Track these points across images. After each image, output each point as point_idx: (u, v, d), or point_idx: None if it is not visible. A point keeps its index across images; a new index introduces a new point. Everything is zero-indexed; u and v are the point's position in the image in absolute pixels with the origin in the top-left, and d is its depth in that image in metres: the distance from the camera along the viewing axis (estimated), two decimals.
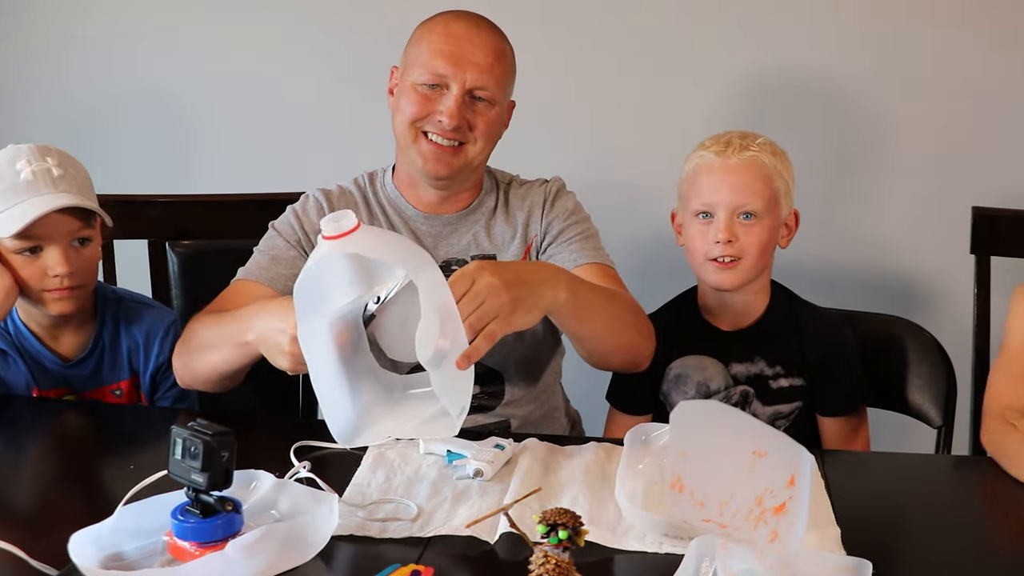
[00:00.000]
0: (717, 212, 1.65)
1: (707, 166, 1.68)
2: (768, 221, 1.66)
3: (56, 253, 1.56)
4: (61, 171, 1.57)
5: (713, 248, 1.66)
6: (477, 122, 1.63)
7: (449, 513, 1.24)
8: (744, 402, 1.71)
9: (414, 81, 1.63)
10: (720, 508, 1.14)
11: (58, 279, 1.56)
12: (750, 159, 1.65)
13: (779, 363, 1.70)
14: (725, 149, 1.66)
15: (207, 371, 1.54)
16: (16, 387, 1.64)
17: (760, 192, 1.65)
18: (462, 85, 1.60)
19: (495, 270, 1.29)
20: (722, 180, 1.65)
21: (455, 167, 1.64)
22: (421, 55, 1.63)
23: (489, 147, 1.67)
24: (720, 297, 1.73)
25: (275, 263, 1.66)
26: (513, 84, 1.71)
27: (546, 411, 1.76)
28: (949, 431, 1.77)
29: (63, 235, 1.57)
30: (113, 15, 2.48)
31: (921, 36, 2.21)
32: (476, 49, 1.61)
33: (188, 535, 1.10)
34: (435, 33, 1.63)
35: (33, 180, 1.54)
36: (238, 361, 1.49)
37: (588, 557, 1.12)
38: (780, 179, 1.67)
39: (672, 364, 1.75)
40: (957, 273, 2.11)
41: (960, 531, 1.26)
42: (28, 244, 1.55)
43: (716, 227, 1.65)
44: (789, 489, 1.08)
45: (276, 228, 1.71)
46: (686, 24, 2.28)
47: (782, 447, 1.09)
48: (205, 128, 2.52)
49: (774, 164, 1.67)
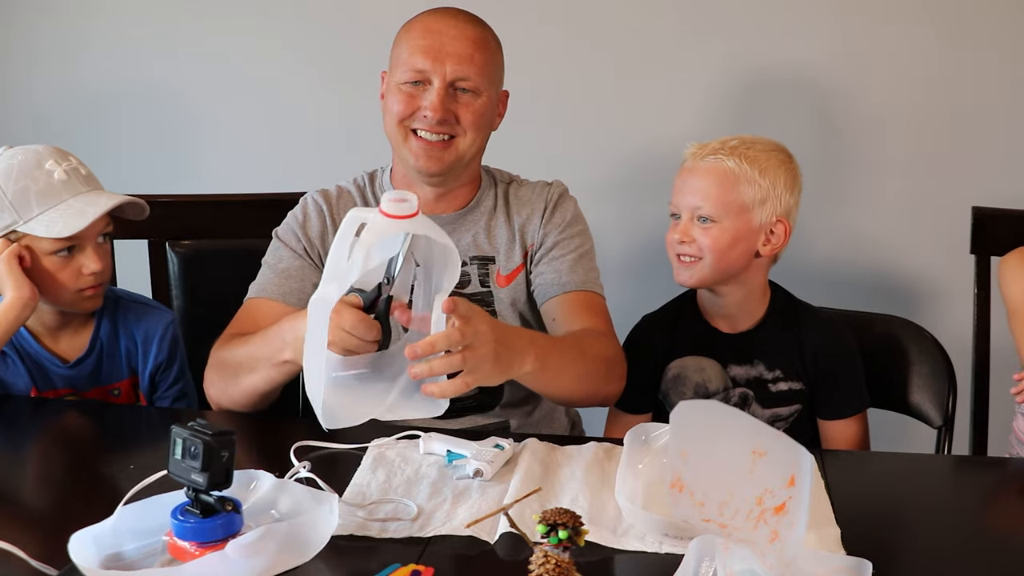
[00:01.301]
0: (681, 212, 1.68)
1: (681, 166, 1.71)
2: (729, 225, 1.64)
3: (90, 251, 1.58)
4: (85, 169, 1.61)
5: (675, 246, 1.68)
6: (463, 113, 1.63)
7: (449, 513, 1.24)
8: (743, 404, 1.71)
9: (397, 81, 1.64)
10: (720, 508, 1.14)
11: (93, 277, 1.58)
12: (711, 164, 1.65)
13: (778, 367, 1.70)
14: (697, 152, 1.68)
15: (248, 394, 1.54)
16: (15, 388, 1.64)
17: (716, 197, 1.64)
18: (443, 78, 1.60)
19: (491, 322, 1.32)
20: (685, 182, 1.68)
21: (447, 162, 1.64)
22: (402, 54, 1.64)
23: (480, 138, 1.67)
24: (715, 299, 1.73)
25: (286, 279, 1.66)
26: (500, 73, 1.70)
27: (546, 411, 1.76)
28: (949, 431, 1.78)
29: (95, 233, 1.59)
30: (113, 16, 2.47)
31: (922, 36, 2.21)
32: (454, 41, 1.61)
33: (188, 535, 1.10)
34: (413, 31, 1.65)
35: (68, 179, 1.57)
36: (279, 379, 1.51)
37: (588, 557, 1.12)
38: (752, 186, 1.64)
39: (671, 365, 1.75)
40: (957, 273, 2.11)
41: (960, 531, 1.26)
42: (67, 244, 1.56)
43: (677, 227, 1.68)
44: (789, 489, 1.08)
45: (280, 238, 1.71)
46: (684, 24, 2.28)
47: (782, 447, 1.09)
48: (205, 128, 2.52)
49: (745, 170, 1.64)
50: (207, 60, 2.47)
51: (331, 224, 1.70)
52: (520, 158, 1.85)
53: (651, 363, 1.75)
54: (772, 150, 1.68)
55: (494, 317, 1.59)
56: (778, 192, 1.66)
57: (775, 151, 1.69)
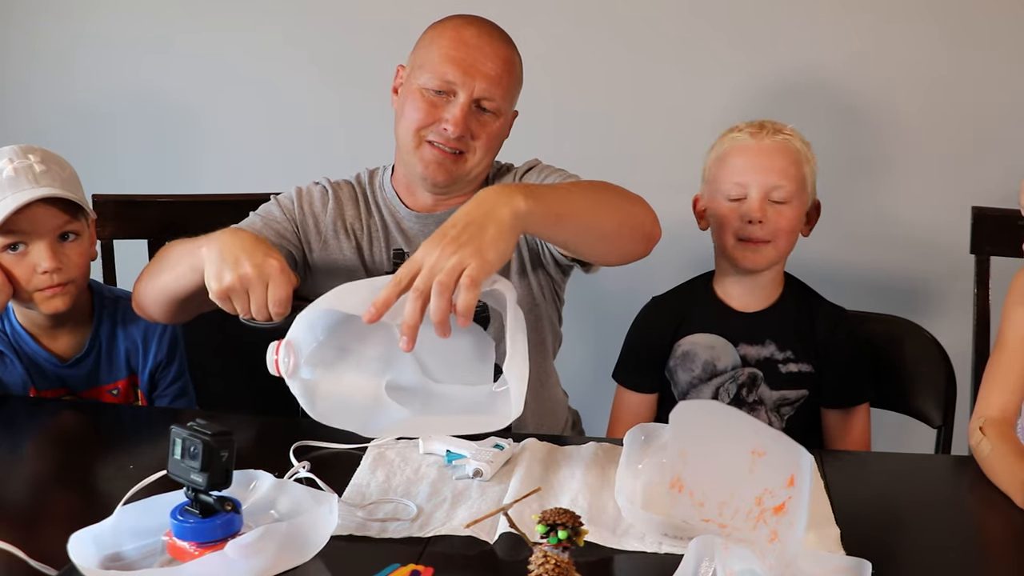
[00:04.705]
0: (750, 192, 1.66)
1: (741, 147, 1.69)
2: (797, 204, 1.68)
3: (42, 248, 1.55)
4: (43, 167, 1.56)
5: (744, 228, 1.66)
6: (480, 132, 1.61)
7: (449, 513, 1.23)
8: (752, 384, 1.71)
9: (421, 85, 1.60)
10: (720, 508, 1.14)
11: (47, 276, 1.55)
12: (783, 141, 1.67)
13: (790, 348, 1.71)
14: (759, 131, 1.68)
15: (160, 291, 1.50)
16: (13, 388, 1.64)
17: (793, 175, 1.66)
18: (470, 94, 1.58)
19: (435, 237, 1.21)
20: (756, 160, 1.67)
21: (455, 174, 1.63)
22: (431, 58, 1.60)
23: (488, 158, 1.66)
24: (738, 280, 1.73)
25: (266, 226, 1.65)
26: (519, 95, 1.69)
27: (546, 409, 1.76)
28: (949, 431, 1.78)
29: (48, 230, 1.56)
30: (113, 15, 2.47)
31: (922, 36, 2.21)
32: (487, 59, 1.59)
33: (187, 535, 1.10)
34: (446, 38, 1.60)
35: (15, 177, 1.53)
36: (190, 286, 1.43)
37: (588, 557, 1.12)
38: (808, 166, 1.70)
39: (681, 341, 1.75)
40: (957, 273, 2.11)
41: (960, 531, 1.26)
42: (11, 240, 1.54)
43: (749, 206, 1.66)
44: (789, 489, 1.08)
45: (277, 200, 1.71)
46: (693, 26, 2.28)
47: (781, 447, 1.09)
48: (206, 128, 2.52)
49: (804, 151, 1.69)
50: (207, 59, 2.47)
51: (334, 205, 1.69)
52: (524, 158, 1.85)
53: (659, 342, 1.76)
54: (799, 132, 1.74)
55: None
56: (816, 174, 1.72)
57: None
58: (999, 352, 1.49)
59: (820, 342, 1.72)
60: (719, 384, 1.72)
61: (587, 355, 2.19)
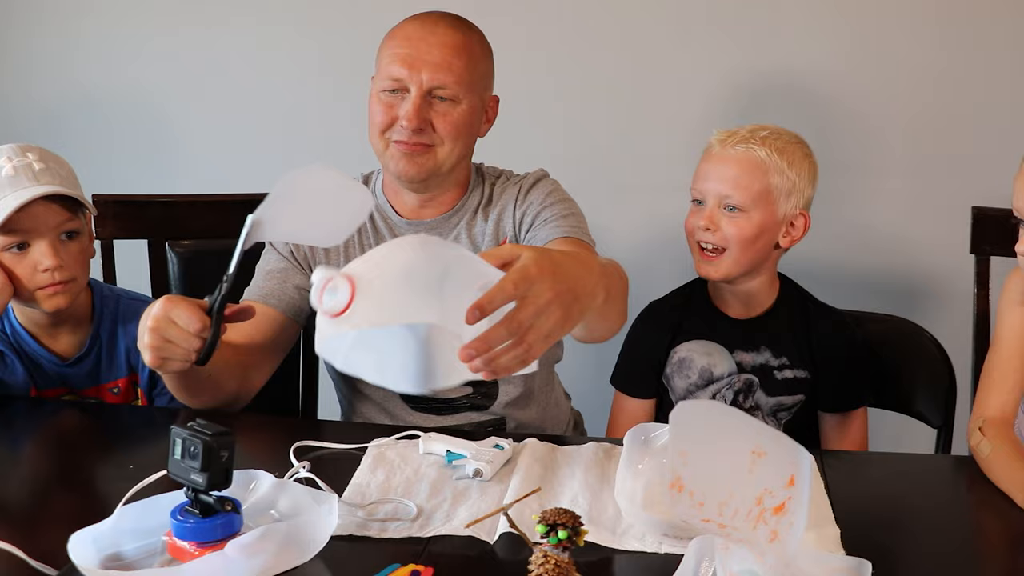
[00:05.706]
0: (707, 199, 1.67)
1: (707, 152, 1.71)
2: (756, 216, 1.65)
3: (44, 246, 1.55)
4: (42, 165, 1.56)
5: (698, 233, 1.68)
6: (439, 122, 1.60)
7: (449, 513, 1.24)
8: (748, 391, 1.71)
9: (377, 89, 1.63)
10: (720, 508, 1.13)
11: (48, 274, 1.55)
12: (743, 152, 1.65)
13: (785, 354, 1.71)
14: (727, 139, 1.68)
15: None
16: (14, 387, 1.64)
17: (747, 186, 1.65)
18: (419, 86, 1.58)
19: (554, 279, 1.08)
20: (713, 169, 1.68)
21: (426, 167, 1.62)
22: (382, 61, 1.63)
23: (460, 146, 1.63)
24: (727, 287, 1.73)
25: (267, 278, 1.66)
26: (486, 78, 1.67)
27: (545, 410, 1.76)
28: (949, 431, 1.78)
29: (49, 228, 1.56)
30: (113, 15, 2.47)
31: (922, 35, 2.21)
32: (431, 48, 1.59)
33: (187, 535, 1.10)
34: (394, 38, 1.62)
35: (14, 175, 1.53)
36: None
37: (588, 557, 1.12)
38: (780, 176, 1.65)
39: (677, 348, 1.75)
40: (957, 273, 2.11)
41: (960, 531, 1.26)
42: (15, 239, 1.55)
43: (702, 213, 1.68)
44: (789, 489, 1.08)
45: (271, 243, 1.71)
46: (687, 25, 2.28)
47: (781, 447, 1.09)
48: (206, 128, 2.52)
49: (774, 161, 1.65)
50: (207, 59, 2.47)
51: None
52: (521, 158, 1.85)
53: (655, 349, 1.75)
54: (796, 142, 1.70)
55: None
56: (802, 185, 1.68)
57: (799, 143, 1.70)
58: (995, 352, 1.50)
59: (816, 347, 1.71)
60: (716, 391, 1.73)
61: (588, 358, 2.19)
